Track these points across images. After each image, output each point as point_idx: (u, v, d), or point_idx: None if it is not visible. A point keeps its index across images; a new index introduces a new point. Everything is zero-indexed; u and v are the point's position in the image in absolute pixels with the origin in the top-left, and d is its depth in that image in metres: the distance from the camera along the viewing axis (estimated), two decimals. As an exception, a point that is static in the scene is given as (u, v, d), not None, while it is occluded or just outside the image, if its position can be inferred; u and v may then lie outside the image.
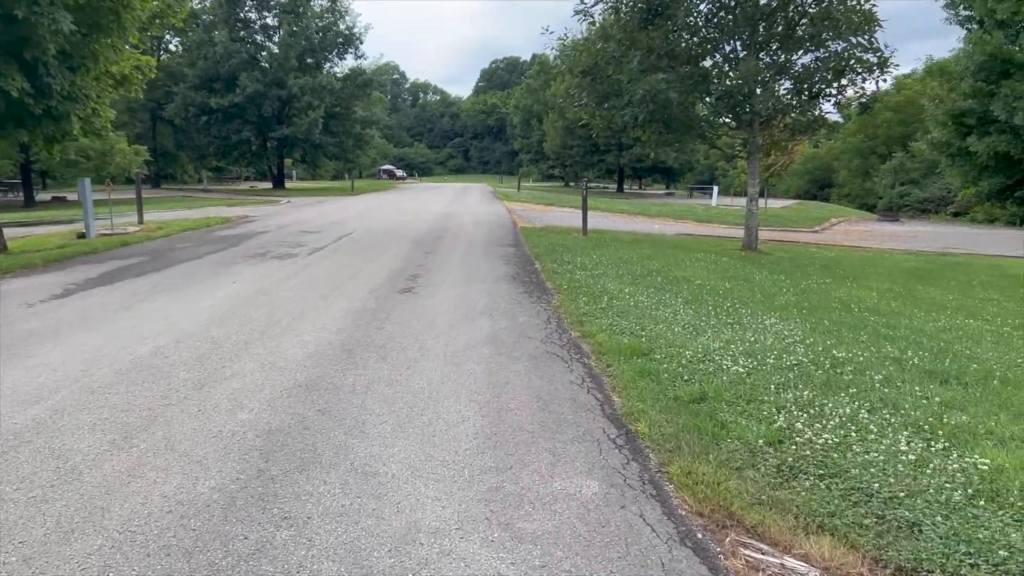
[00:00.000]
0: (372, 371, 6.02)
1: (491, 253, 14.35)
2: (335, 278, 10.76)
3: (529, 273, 11.78)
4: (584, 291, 9.65)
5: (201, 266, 11.81)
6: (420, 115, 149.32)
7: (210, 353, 6.48)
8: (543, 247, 14.95)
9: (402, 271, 11.58)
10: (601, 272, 11.39)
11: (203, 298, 9.06)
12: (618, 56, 16.07)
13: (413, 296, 9.46)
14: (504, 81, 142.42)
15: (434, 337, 7.24)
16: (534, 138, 79.04)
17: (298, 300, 9.01)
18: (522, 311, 8.64)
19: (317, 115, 47.66)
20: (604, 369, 6.22)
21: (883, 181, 61.30)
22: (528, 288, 10.30)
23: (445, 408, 5.15)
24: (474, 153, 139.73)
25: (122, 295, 9.21)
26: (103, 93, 13.66)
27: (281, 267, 11.82)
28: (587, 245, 15.68)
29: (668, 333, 7.29)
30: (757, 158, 16.60)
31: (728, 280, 11.26)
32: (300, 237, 16.53)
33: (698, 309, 8.58)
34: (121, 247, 14.32)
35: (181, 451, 4.32)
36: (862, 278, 12.85)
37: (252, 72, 47.59)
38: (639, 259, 13.37)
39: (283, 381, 5.69)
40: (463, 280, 10.85)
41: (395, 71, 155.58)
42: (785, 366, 6.14)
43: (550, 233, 18.64)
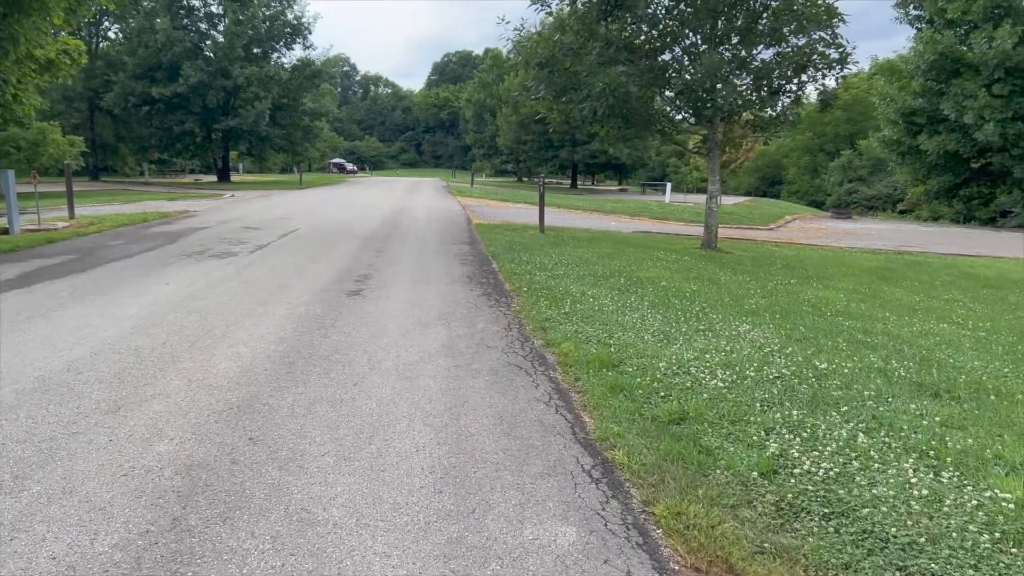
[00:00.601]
0: (314, 389, 5.37)
1: (446, 252, 13.73)
2: (278, 279, 10.02)
3: (486, 274, 11.19)
4: (545, 294, 9.11)
5: (131, 266, 10.93)
6: (371, 108, 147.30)
7: (131, 368, 5.75)
8: (500, 245, 14.38)
9: (350, 271, 10.88)
10: (562, 273, 10.87)
11: (130, 303, 8.25)
12: (576, 48, 15.57)
13: (362, 300, 8.79)
14: (456, 75, 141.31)
15: (384, 347, 6.61)
16: (487, 133, 78.36)
17: (236, 305, 8.27)
18: (480, 317, 8.06)
19: (264, 106, 46.21)
20: (572, 384, 5.67)
21: (831, 178, 62.31)
22: (486, 290, 9.72)
23: (397, 434, 4.55)
24: (426, 147, 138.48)
25: (38, 299, 8.35)
26: (24, 78, 12.62)
27: (219, 267, 11.01)
28: (545, 243, 15.16)
29: (638, 341, 6.79)
30: (717, 155, 16.28)
31: (693, 281, 10.84)
32: (242, 234, 15.66)
33: (666, 314, 8.11)
34: (46, 244, 13.27)
35: (82, 495, 3.64)
36: (826, 278, 12.58)
37: (196, 61, 45.90)
38: (599, 258, 12.89)
39: (212, 403, 5.01)
40: (416, 281, 10.22)
41: (345, 63, 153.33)
42: (767, 379, 5.69)
43: (506, 230, 18.08)
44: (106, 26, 52.28)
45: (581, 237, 17.18)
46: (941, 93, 28.12)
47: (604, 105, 14.54)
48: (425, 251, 13.68)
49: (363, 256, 12.64)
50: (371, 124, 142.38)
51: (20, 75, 12.43)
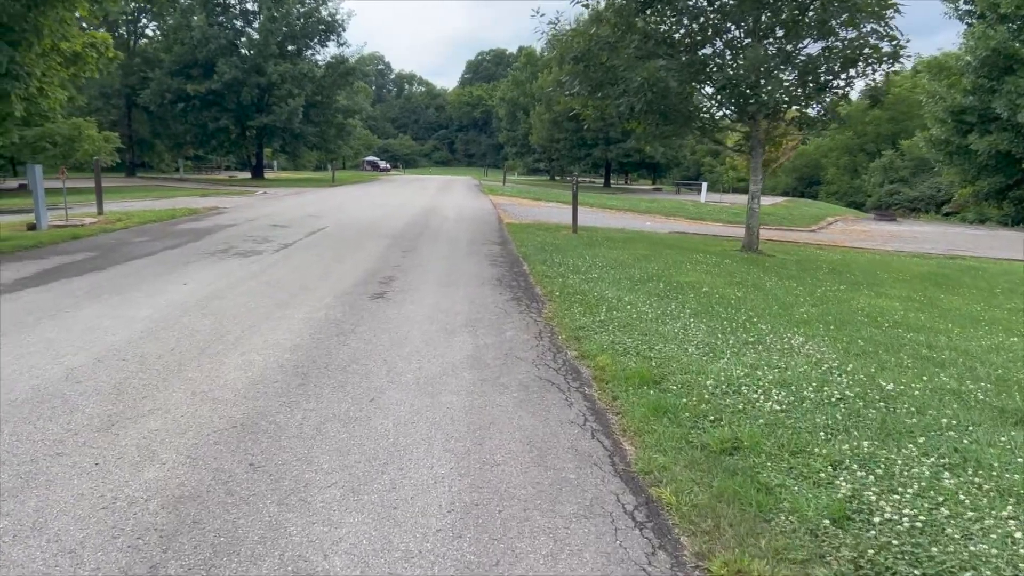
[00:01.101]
0: (326, 404, 4.91)
1: (475, 252, 13.24)
2: (300, 280, 9.61)
3: (516, 276, 10.68)
4: (579, 299, 8.57)
5: (152, 264, 10.61)
6: (405, 106, 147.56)
7: (133, 377, 5.33)
8: (531, 246, 13.86)
9: (376, 272, 10.44)
10: (596, 276, 10.32)
11: (145, 304, 7.89)
12: (613, 42, 14.97)
13: (385, 303, 8.33)
14: (490, 73, 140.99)
15: (405, 357, 6.13)
16: (520, 131, 77.79)
17: (254, 307, 7.86)
18: (510, 323, 7.54)
19: (297, 103, 46.17)
20: (610, 403, 5.13)
21: (872, 179, 60.69)
22: (516, 294, 9.21)
23: (413, 461, 4.05)
24: (459, 145, 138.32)
25: (52, 299, 8.02)
26: (49, 72, 12.39)
27: (242, 266, 10.65)
28: (578, 244, 14.60)
29: (681, 355, 6.22)
30: (760, 153, 15.57)
31: (737, 287, 10.21)
32: (269, 232, 15.33)
33: (711, 323, 7.51)
34: (71, 240, 13.06)
35: (52, 532, 3.20)
36: (877, 284, 11.85)
37: (231, 58, 46.01)
38: (635, 261, 12.30)
39: (214, 419, 4.56)
40: (443, 284, 9.74)
41: (380, 61, 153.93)
42: (828, 402, 5.09)
43: (538, 230, 17.55)
44: (144, 23, 52.78)
45: (616, 238, 16.59)
46: (993, 91, 26.94)
47: (642, 100, 13.92)
48: (454, 252, 13.21)
49: (390, 256, 12.20)
50: (404, 122, 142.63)
51: (45, 68, 12.20)
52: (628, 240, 16.13)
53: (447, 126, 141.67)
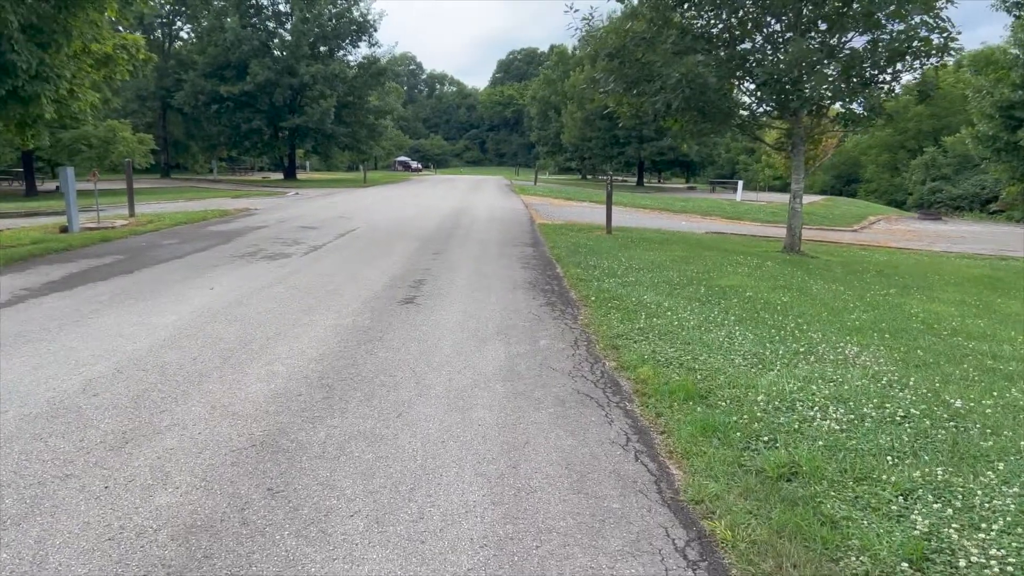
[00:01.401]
0: (352, 420, 4.63)
1: (507, 254, 12.93)
2: (328, 285, 9.38)
3: (550, 279, 10.35)
4: (616, 304, 8.21)
5: (180, 268, 10.47)
6: (436, 106, 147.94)
7: (152, 389, 5.11)
8: (565, 247, 13.52)
9: (405, 276, 10.18)
10: (633, 279, 9.94)
11: (170, 310, 7.70)
12: (649, 37, 14.57)
13: (415, 309, 8.05)
14: (521, 72, 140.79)
15: (435, 368, 5.83)
16: (551, 130, 77.42)
17: (280, 314, 7.64)
18: (544, 331, 7.21)
19: (329, 104, 46.30)
20: (653, 420, 4.78)
21: (913, 177, 59.22)
22: (549, 299, 8.87)
23: (443, 487, 3.75)
24: (490, 145, 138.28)
25: (76, 304, 7.87)
26: (79, 73, 12.33)
27: (270, 270, 10.46)
28: (613, 245, 14.22)
29: (728, 366, 5.84)
30: (802, 151, 15.04)
31: (781, 291, 9.76)
32: (299, 234, 15.18)
33: (757, 331, 7.11)
34: (101, 243, 13.01)
35: (52, 569, 2.94)
36: (928, 288, 11.30)
37: (263, 59, 46.29)
38: (673, 263, 11.90)
39: (233, 437, 4.31)
40: (474, 288, 9.44)
41: (411, 62, 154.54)
42: (891, 420, 4.69)
43: (571, 231, 17.19)
44: (178, 26, 53.38)
45: (651, 238, 16.17)
46: (1044, 85, 25.99)
47: (679, 97, 13.51)
48: (485, 254, 12.92)
49: (420, 259, 11.94)
50: (436, 122, 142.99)
51: (75, 71, 12.14)
52: (665, 241, 15.71)
53: (478, 126, 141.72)
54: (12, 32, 10.19)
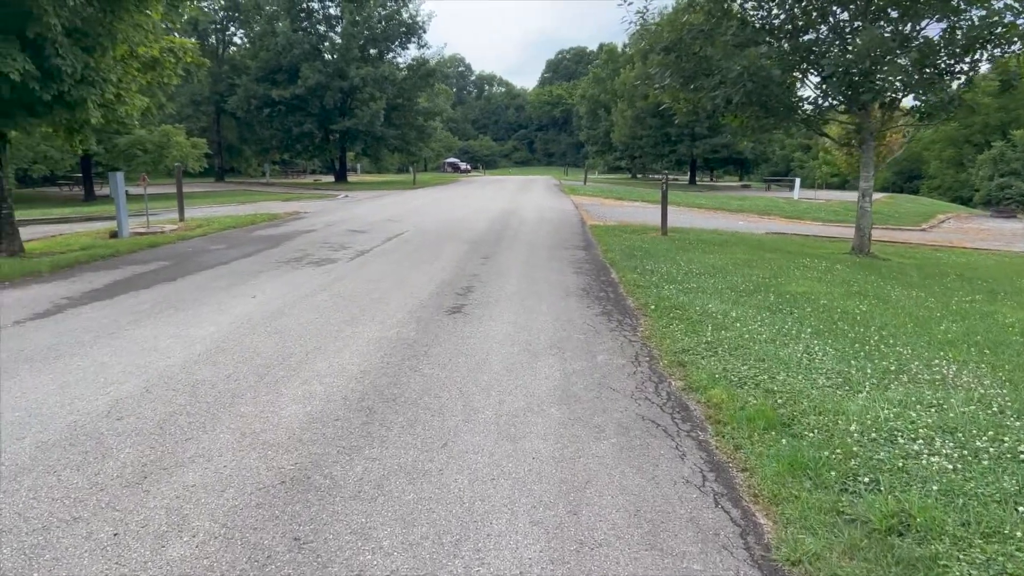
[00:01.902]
0: (392, 451, 4.17)
1: (558, 258, 12.40)
2: (374, 292, 8.98)
3: (604, 285, 9.78)
4: (678, 314, 7.62)
5: (224, 275, 10.21)
6: (485, 107, 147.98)
7: (180, 412, 4.73)
8: (619, 250, 12.92)
9: (453, 283, 9.73)
10: (695, 286, 9.31)
11: (209, 320, 7.38)
12: (707, 30, 13.88)
13: (463, 319, 7.59)
14: (570, 72, 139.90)
15: (484, 388, 5.34)
16: (601, 129, 76.56)
17: (322, 324, 7.25)
18: (601, 344, 6.67)
19: (379, 107, 46.38)
20: (731, 454, 4.21)
21: (980, 172, 56.71)
22: (605, 307, 8.32)
23: (492, 538, 3.25)
24: (539, 145, 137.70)
25: (115, 315, 7.61)
26: (126, 78, 12.21)
27: (314, 276, 10.13)
28: (670, 248, 13.57)
29: (810, 387, 5.22)
30: (872, 146, 14.15)
31: (857, 298, 9.03)
32: (346, 238, 14.89)
33: (838, 345, 6.45)
34: (148, 249, 12.90)
35: (41, 641, 2.53)
36: (1017, 293, 10.41)
37: (314, 63, 46.62)
38: (736, 267, 11.22)
39: (261, 471, 3.88)
40: (525, 295, 8.93)
41: (461, 63, 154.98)
42: (1012, 456, 4.03)
43: (624, 232, 16.58)
44: (232, 31, 54.16)
45: (709, 240, 15.45)
46: None
47: (741, 92, 12.80)
48: (535, 258, 12.41)
49: (468, 264, 11.49)
50: (485, 123, 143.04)
51: (121, 75, 12.01)
52: (724, 243, 14.98)
53: (527, 126, 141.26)
54: (56, 36, 10.05)
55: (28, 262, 10.77)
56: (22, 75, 9.86)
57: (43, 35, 9.96)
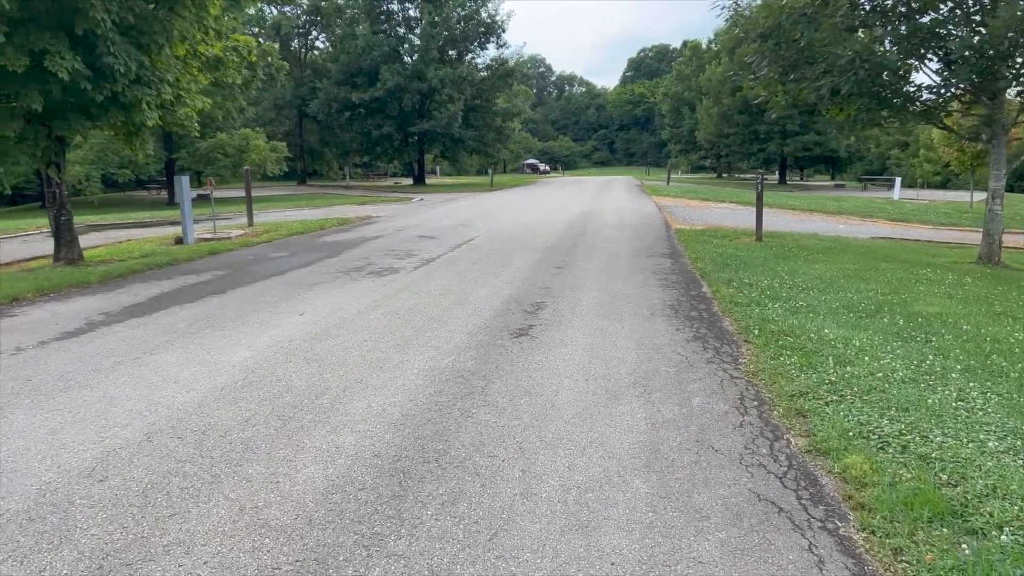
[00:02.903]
0: (422, 546, 3.15)
1: (641, 268, 11.20)
2: (433, 309, 8.04)
3: (696, 302, 8.55)
4: (788, 341, 6.35)
5: (276, 287, 9.46)
6: (565, 107, 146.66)
7: (175, 473, 3.85)
8: (709, 259, 11.62)
9: (521, 298, 8.69)
10: (803, 304, 7.98)
11: (245, 343, 6.57)
12: (810, 13, 12.40)
13: (529, 345, 6.53)
14: (652, 70, 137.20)
15: (550, 444, 4.27)
16: (684, 127, 74.34)
17: (369, 349, 6.33)
18: (696, 381, 5.49)
19: (457, 108, 45.87)
20: (889, 564, 3.01)
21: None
22: (698, 330, 7.11)
23: None
24: (619, 145, 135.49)
25: (146, 335, 6.90)
26: (183, 77, 11.67)
27: (372, 289, 9.27)
28: (768, 256, 12.17)
29: (977, 454, 3.94)
30: (1004, 141, 12.36)
31: (1005, 321, 7.51)
32: (414, 244, 14.07)
33: (1000, 389, 5.07)
34: (208, 257, 12.37)
35: None
36: None
37: (393, 65, 46.51)
38: (848, 279, 9.78)
39: (248, 572, 2.92)
40: (603, 314, 7.80)
41: (541, 64, 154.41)
42: None
43: (714, 238, 15.19)
44: (314, 36, 54.76)
45: (810, 246, 13.92)
46: None
47: (851, 80, 11.30)
48: (615, 267, 11.24)
49: (540, 275, 10.43)
50: (565, 124, 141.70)
51: (179, 74, 11.48)
52: (827, 250, 13.43)
53: (607, 126, 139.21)
54: (106, 32, 9.53)
55: (80, 271, 10.32)
56: (71, 74, 9.37)
57: (93, 31, 9.46)
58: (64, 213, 11.49)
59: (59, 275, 9.92)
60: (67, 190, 11.61)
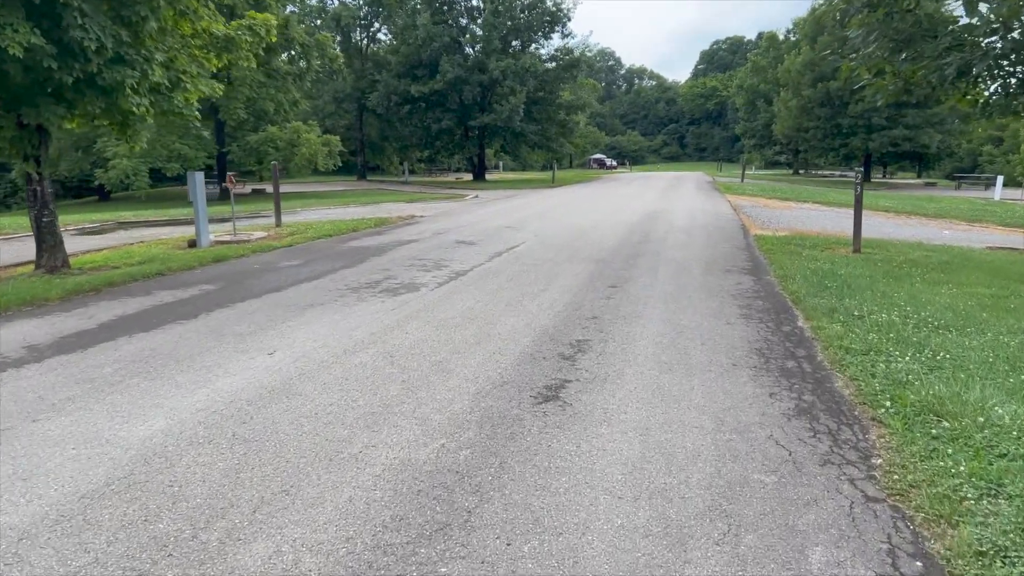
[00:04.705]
0: None
1: (716, 289, 9.08)
2: (440, 349, 6.16)
3: (791, 343, 6.43)
4: (944, 428, 4.23)
5: (261, 310, 7.74)
6: (634, 101, 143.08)
7: None
8: (801, 276, 9.42)
9: (559, 333, 6.72)
10: (944, 354, 5.73)
11: (166, 407, 4.84)
12: (932, -26, 10.07)
13: (557, 419, 4.57)
14: (726, 63, 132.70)
15: None
16: (759, 121, 70.88)
17: (327, 423, 4.50)
18: (808, 509, 3.44)
19: (518, 100, 43.83)
20: None
21: None
22: (800, 397, 5.02)
23: None
24: (690, 140, 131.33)
25: (53, 385, 5.23)
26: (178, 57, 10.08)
27: (376, 315, 7.46)
28: (874, 273, 9.89)
29: None
30: None
31: None
32: (448, 252, 12.23)
33: None
34: (210, 265, 10.81)
35: None
36: None
37: (454, 56, 44.86)
38: (987, 310, 7.47)
39: None
40: (665, 364, 5.77)
41: (610, 57, 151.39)
42: None
43: (802, 246, 12.91)
44: (376, 27, 53.65)
45: (922, 261, 11.50)
46: None
47: (989, 57, 8.94)
48: (683, 287, 9.15)
49: (588, 296, 8.44)
50: (633, 118, 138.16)
51: (174, 53, 9.89)
52: (944, 266, 11.00)
53: (677, 120, 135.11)
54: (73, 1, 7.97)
55: (45, 284, 8.83)
56: (27, 50, 7.83)
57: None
58: (46, 214, 10.07)
59: (17, 288, 8.44)
60: (50, 186, 10.16)
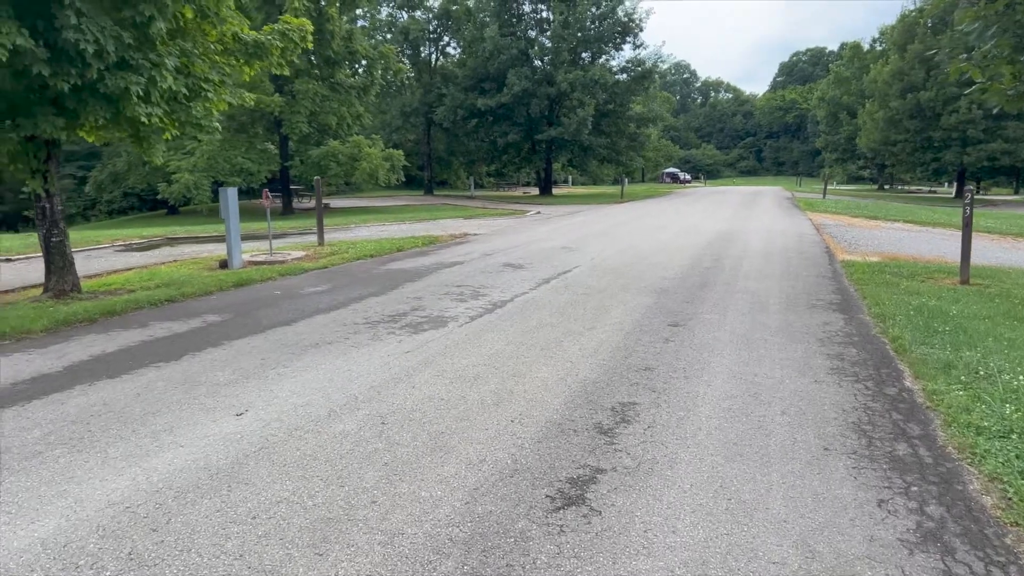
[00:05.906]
0: None
1: (799, 330, 7.59)
2: (445, 415, 4.93)
3: (899, 415, 4.95)
4: None
5: (256, 350, 6.68)
6: (710, 114, 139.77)
7: None
8: (903, 316, 7.85)
9: (600, 393, 5.40)
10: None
11: (57, 506, 3.78)
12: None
13: (580, 534, 3.27)
14: (806, 75, 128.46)
15: None
16: (842, 134, 67.57)
17: (269, 528, 3.33)
18: None
19: (586, 113, 42.47)
20: None
21: None
22: (923, 510, 3.59)
23: None
24: (768, 153, 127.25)
25: (-35, 453, 4.24)
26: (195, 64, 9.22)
27: (386, 361, 6.29)
28: (993, 312, 8.22)
29: None
30: None
31: None
32: (491, 278, 11.03)
33: None
34: (231, 290, 9.92)
35: None
36: None
37: (521, 69, 43.89)
38: None
39: None
40: (733, 446, 4.39)
41: (686, 70, 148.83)
42: None
43: (900, 276, 11.22)
44: (445, 41, 53.30)
45: (1047, 295, 9.68)
46: None
47: None
48: (759, 329, 7.69)
49: (643, 339, 7.08)
50: (709, 131, 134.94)
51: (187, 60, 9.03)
52: (1079, 303, 9.18)
53: (754, 133, 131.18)
54: (66, 0, 7.15)
55: (37, 312, 8.02)
56: (13, 52, 7.04)
57: (45, -3, 7.11)
58: (56, 233, 9.32)
59: (4, 317, 7.62)
60: (60, 204, 9.42)
